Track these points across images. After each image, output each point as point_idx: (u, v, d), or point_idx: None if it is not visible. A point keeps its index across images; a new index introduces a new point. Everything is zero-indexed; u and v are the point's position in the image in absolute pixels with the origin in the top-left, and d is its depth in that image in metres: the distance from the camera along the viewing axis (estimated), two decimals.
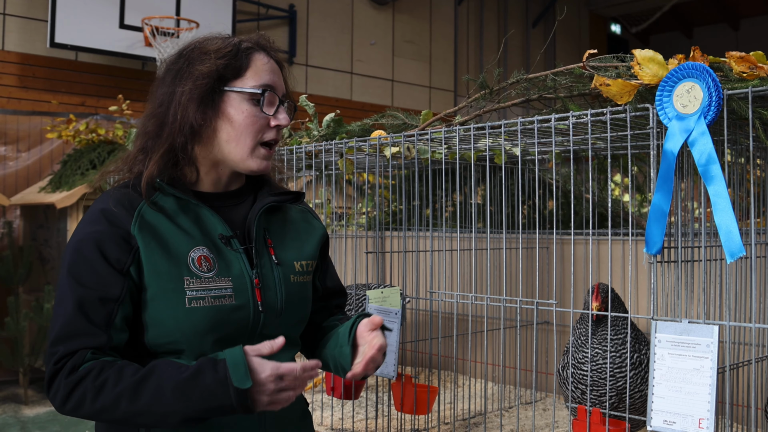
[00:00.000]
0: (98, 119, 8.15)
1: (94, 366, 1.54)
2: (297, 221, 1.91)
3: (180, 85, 1.71)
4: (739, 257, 1.82)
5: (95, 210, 1.67)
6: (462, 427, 2.85)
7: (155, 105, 1.76)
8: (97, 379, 1.52)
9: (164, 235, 1.65)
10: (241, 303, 1.68)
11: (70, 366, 1.55)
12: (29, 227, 7.67)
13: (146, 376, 1.52)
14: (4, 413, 6.42)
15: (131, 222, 1.64)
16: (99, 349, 1.57)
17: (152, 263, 1.62)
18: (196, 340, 1.63)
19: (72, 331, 1.57)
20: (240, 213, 1.80)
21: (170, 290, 1.62)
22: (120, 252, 1.61)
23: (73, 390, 1.53)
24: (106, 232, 1.62)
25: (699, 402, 1.87)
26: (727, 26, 17.52)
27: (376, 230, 3.33)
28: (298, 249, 1.85)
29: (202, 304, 1.63)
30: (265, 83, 1.72)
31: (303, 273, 1.83)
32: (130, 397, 1.50)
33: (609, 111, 2.11)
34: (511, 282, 3.41)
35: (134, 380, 1.51)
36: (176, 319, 1.62)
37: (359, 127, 3.30)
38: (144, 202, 1.67)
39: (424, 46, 12.30)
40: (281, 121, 1.73)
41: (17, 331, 6.70)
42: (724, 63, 2.07)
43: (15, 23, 8.06)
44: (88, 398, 1.52)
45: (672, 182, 1.95)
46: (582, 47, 14.80)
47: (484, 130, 2.42)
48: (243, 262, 1.71)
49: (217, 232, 1.71)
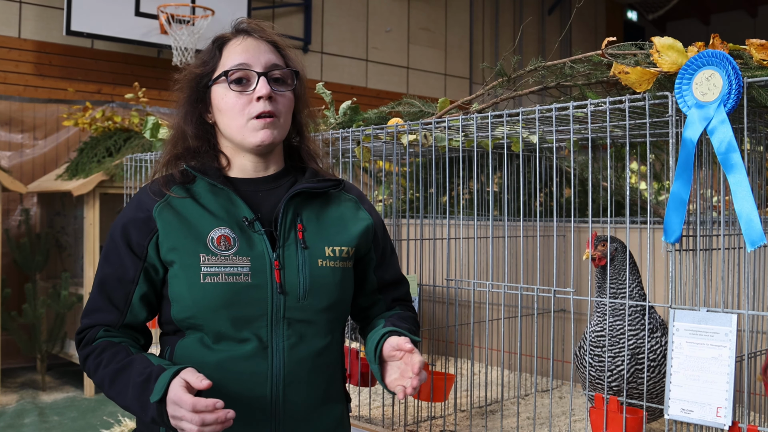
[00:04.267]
0: (114, 107, 8.18)
1: (98, 345, 1.75)
2: (341, 209, 1.94)
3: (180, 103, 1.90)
4: (760, 245, 1.82)
5: (133, 196, 1.88)
6: (478, 415, 2.85)
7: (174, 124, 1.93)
8: (96, 359, 1.74)
9: (188, 216, 1.78)
10: (258, 282, 1.74)
11: (86, 339, 1.79)
12: (46, 215, 7.71)
13: (124, 367, 1.69)
14: (22, 399, 6.47)
15: (155, 206, 1.79)
16: (111, 326, 1.79)
17: (171, 241, 1.75)
18: (211, 315, 1.72)
19: (93, 306, 1.81)
20: (275, 197, 1.86)
21: (188, 266, 1.73)
22: (140, 236, 1.78)
23: (84, 360, 1.78)
24: (132, 218, 1.80)
25: (717, 391, 1.87)
26: (745, 12, 17.36)
27: (393, 218, 3.33)
28: (333, 235, 1.87)
29: (216, 280, 1.72)
30: (233, 65, 1.81)
31: (335, 258, 1.84)
32: (109, 383, 1.70)
33: (628, 99, 2.10)
34: (528, 270, 3.40)
35: (116, 368, 1.70)
36: (192, 293, 1.72)
37: (376, 115, 3.30)
38: (174, 187, 1.82)
39: (439, 34, 12.26)
40: (260, 92, 1.79)
41: (35, 318, 6.76)
42: (744, 50, 2.05)
43: (31, 11, 8.08)
44: (91, 371, 1.76)
45: (691, 171, 1.94)
46: (598, 34, 14.72)
47: (502, 118, 2.41)
48: (265, 243, 1.78)
49: (241, 215, 1.79)
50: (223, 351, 1.73)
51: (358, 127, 2.90)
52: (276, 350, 1.75)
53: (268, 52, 1.85)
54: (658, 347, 2.27)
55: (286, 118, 1.86)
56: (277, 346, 1.75)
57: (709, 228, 2.14)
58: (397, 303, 2.04)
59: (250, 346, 1.73)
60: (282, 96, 1.83)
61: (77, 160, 7.00)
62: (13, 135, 7.94)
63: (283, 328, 1.76)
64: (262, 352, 1.74)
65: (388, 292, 2.03)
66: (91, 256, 6.51)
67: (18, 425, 5.74)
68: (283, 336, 1.76)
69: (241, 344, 1.73)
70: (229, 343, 1.73)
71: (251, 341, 1.73)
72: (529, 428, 2.68)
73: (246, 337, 1.73)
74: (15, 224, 7.61)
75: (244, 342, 1.73)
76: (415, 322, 2.01)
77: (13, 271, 7.23)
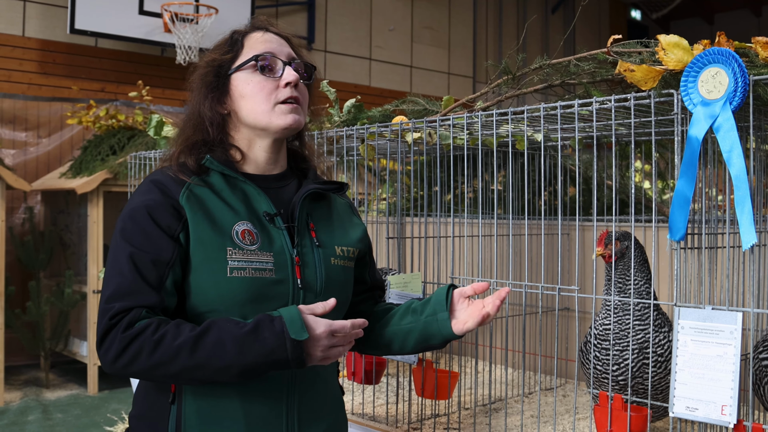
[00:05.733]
0: (118, 105, 8.19)
1: (151, 322, 1.61)
2: (341, 212, 2.00)
3: (197, 89, 1.88)
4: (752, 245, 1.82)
5: (147, 181, 1.79)
6: (482, 413, 2.85)
7: (187, 113, 1.91)
8: (155, 333, 1.59)
9: (211, 208, 1.75)
10: (281, 278, 1.75)
11: (126, 321, 1.61)
12: (50, 213, 7.72)
13: (206, 331, 1.60)
14: (25, 396, 6.49)
15: (180, 193, 1.74)
16: (152, 308, 1.65)
17: (198, 232, 1.71)
18: (236, 309, 1.70)
19: (127, 289, 1.65)
20: (285, 195, 1.88)
21: (213, 259, 1.70)
22: (171, 219, 1.71)
23: (129, 344, 1.59)
24: (158, 200, 1.72)
25: (722, 389, 1.87)
26: (749, 12, 17.33)
27: (397, 216, 3.33)
28: (340, 235, 1.92)
29: (243, 275, 1.71)
30: (260, 52, 1.83)
31: (344, 258, 1.90)
32: (190, 350, 1.58)
33: (633, 97, 2.10)
34: (532, 268, 3.40)
35: (194, 335, 1.59)
36: (218, 287, 1.70)
37: (380, 113, 3.30)
38: (193, 177, 1.78)
39: (443, 32, 12.26)
40: (288, 78, 1.82)
41: (38, 316, 6.77)
42: (750, 48, 2.05)
43: (35, 9, 8.09)
44: (144, 352, 1.58)
45: (696, 169, 1.94)
46: (602, 33, 14.71)
47: (507, 116, 2.41)
48: (285, 240, 1.79)
49: (262, 209, 1.80)
50: None
51: (362, 125, 2.90)
52: None
53: (287, 46, 1.90)
54: (665, 341, 2.27)
55: (305, 109, 1.90)
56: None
57: (714, 226, 2.14)
58: (381, 299, 2.14)
59: None
60: (303, 87, 1.88)
61: (81, 158, 7.00)
62: (17, 133, 7.95)
63: None
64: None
65: (375, 291, 2.11)
66: (94, 254, 6.51)
67: (22, 422, 5.75)
68: None
69: None
70: None
71: None
72: (533, 426, 2.68)
73: None
74: (19, 222, 7.62)
75: None
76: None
77: (17, 269, 7.24)
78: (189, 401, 1.71)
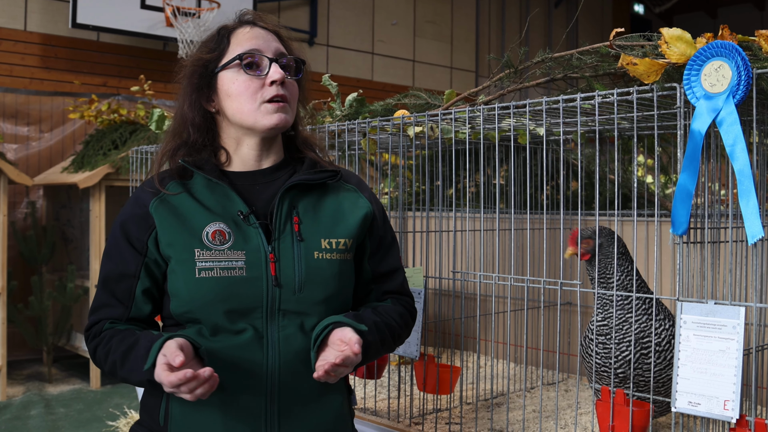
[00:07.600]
0: (120, 99, 8.19)
1: (105, 335, 1.78)
2: (340, 199, 1.91)
3: (181, 90, 1.89)
4: (758, 239, 1.81)
5: (132, 194, 1.92)
6: (484, 408, 2.85)
7: (176, 113, 1.92)
8: (105, 347, 1.76)
9: (184, 212, 1.79)
10: (253, 275, 1.75)
11: (92, 334, 1.81)
12: (52, 207, 7.72)
13: (131, 347, 1.71)
14: (28, 391, 6.49)
15: (151, 201, 1.81)
16: (117, 319, 1.81)
17: (167, 237, 1.77)
18: (207, 309, 1.73)
19: (98, 303, 1.83)
20: (272, 189, 1.86)
21: (183, 261, 1.75)
22: (139, 231, 1.80)
23: (94, 353, 1.80)
24: (131, 214, 1.83)
25: (724, 384, 1.86)
26: (752, 5, 17.27)
27: (399, 210, 3.32)
28: (330, 226, 1.86)
29: (211, 275, 1.73)
30: (245, 50, 1.82)
31: (331, 251, 1.83)
32: (120, 365, 1.72)
33: (636, 90, 2.09)
34: (535, 262, 3.40)
35: (123, 350, 1.71)
36: (188, 288, 1.74)
37: (382, 107, 3.29)
38: (170, 183, 1.83)
39: (445, 27, 12.23)
40: (274, 76, 1.81)
41: (41, 311, 6.77)
42: (753, 42, 2.04)
43: (37, 4, 8.08)
44: (102, 361, 1.77)
45: (698, 162, 1.93)
46: (605, 28, 14.67)
47: (509, 110, 2.40)
48: (260, 237, 1.78)
49: (237, 209, 1.80)
50: (219, 342, 1.74)
51: (364, 119, 2.89)
52: (271, 340, 1.75)
53: (275, 41, 1.87)
54: (663, 331, 2.26)
55: (294, 105, 1.88)
56: (273, 337, 1.75)
57: (716, 220, 2.13)
58: (389, 295, 1.99)
59: (246, 335, 1.74)
60: (291, 83, 1.86)
61: (83, 152, 7.00)
62: (19, 128, 7.95)
63: (278, 319, 1.76)
64: (258, 341, 1.75)
65: (380, 283, 1.98)
66: (96, 248, 6.52)
67: (24, 417, 5.75)
68: (278, 327, 1.76)
69: (237, 335, 1.74)
70: (226, 335, 1.74)
71: (247, 331, 1.74)
72: (535, 421, 2.68)
73: (242, 328, 1.74)
74: (21, 217, 7.62)
75: (240, 333, 1.74)
76: (400, 315, 1.95)
77: (20, 264, 7.25)
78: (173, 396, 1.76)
